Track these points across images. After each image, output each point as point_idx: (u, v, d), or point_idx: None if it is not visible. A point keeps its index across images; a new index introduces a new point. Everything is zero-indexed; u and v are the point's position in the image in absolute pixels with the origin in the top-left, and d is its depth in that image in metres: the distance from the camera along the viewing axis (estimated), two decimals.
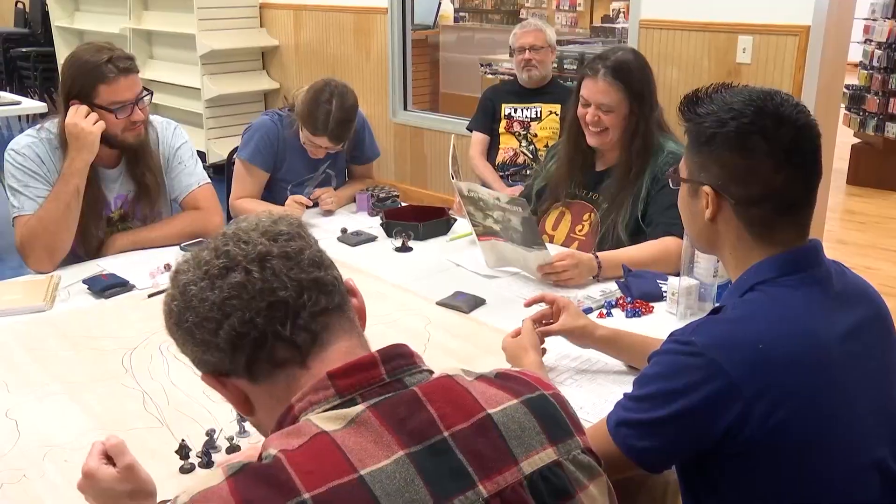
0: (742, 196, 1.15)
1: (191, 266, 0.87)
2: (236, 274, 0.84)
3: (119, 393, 1.54)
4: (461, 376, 0.87)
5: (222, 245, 0.86)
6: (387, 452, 0.77)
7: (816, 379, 1.08)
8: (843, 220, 5.26)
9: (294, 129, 2.70)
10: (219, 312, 0.83)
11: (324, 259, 0.90)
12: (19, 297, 1.94)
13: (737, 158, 1.14)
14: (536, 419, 0.85)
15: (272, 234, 0.87)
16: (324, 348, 0.86)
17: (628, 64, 2.17)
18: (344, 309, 0.90)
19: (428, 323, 1.84)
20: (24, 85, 8.28)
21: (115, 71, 2.08)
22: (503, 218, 2.00)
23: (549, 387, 0.91)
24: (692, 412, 1.07)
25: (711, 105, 1.17)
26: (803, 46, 3.45)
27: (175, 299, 0.88)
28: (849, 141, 6.07)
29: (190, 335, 0.87)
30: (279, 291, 0.83)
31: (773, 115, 1.13)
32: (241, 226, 0.89)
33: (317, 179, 2.82)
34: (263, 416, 0.90)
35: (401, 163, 5.48)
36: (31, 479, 1.27)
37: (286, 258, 0.85)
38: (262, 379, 0.86)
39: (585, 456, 0.87)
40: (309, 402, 0.82)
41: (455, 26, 7.37)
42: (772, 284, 1.14)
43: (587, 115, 2.18)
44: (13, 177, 2.14)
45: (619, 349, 1.58)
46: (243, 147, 2.76)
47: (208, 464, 1.31)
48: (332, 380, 0.82)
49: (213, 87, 5.87)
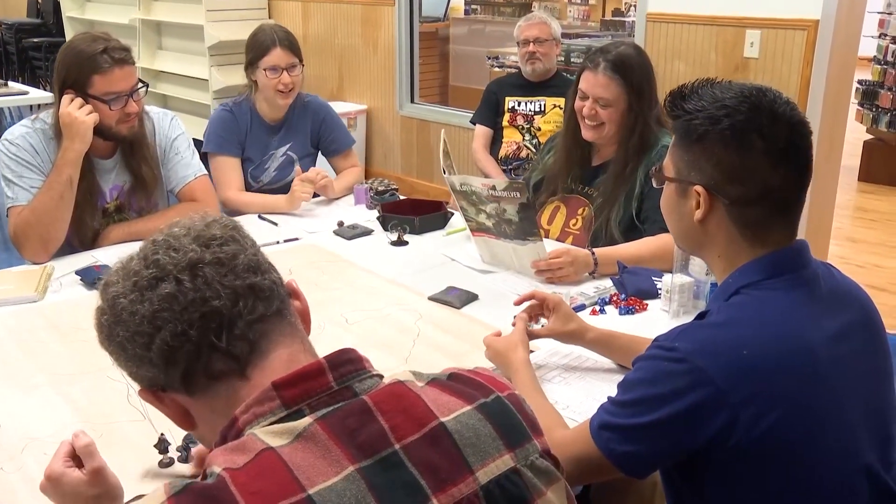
0: (737, 196, 1.12)
1: (120, 277, 0.83)
2: (166, 284, 0.80)
3: (104, 385, 1.53)
4: (412, 381, 0.84)
5: (151, 254, 0.82)
6: (336, 469, 0.74)
7: (804, 384, 1.05)
8: (854, 218, 5.20)
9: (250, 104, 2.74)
10: (150, 326, 0.80)
11: (260, 263, 0.86)
12: (11, 287, 1.94)
13: (733, 156, 1.10)
14: (492, 424, 0.82)
15: (204, 238, 0.83)
16: (264, 357, 0.82)
17: (629, 59, 2.14)
18: (284, 314, 0.86)
19: (419, 318, 1.82)
20: (35, 75, 8.31)
21: (110, 61, 2.06)
22: (497, 210, 1.97)
23: (504, 387, 0.88)
24: (676, 419, 1.05)
25: (700, 101, 1.13)
26: (812, 41, 3.40)
27: (105, 313, 0.84)
28: (861, 137, 5.99)
29: (122, 350, 0.84)
30: (212, 301, 0.80)
31: (769, 112, 1.10)
32: (172, 231, 0.85)
33: (277, 160, 2.78)
34: (205, 430, 0.86)
35: (407, 155, 5.47)
36: (7, 471, 1.26)
37: (219, 265, 0.82)
38: (200, 393, 0.83)
39: (544, 460, 0.84)
40: (254, 414, 0.79)
41: (465, 19, 7.32)
42: (757, 287, 1.11)
43: (584, 108, 2.16)
44: (7, 167, 2.13)
45: (611, 350, 1.56)
46: (206, 143, 2.72)
47: (187, 458, 1.29)
48: (278, 390, 0.79)
49: (221, 78, 5.87)
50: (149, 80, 6.13)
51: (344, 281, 2.04)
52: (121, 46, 2.11)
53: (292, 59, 2.66)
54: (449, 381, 0.86)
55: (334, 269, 2.13)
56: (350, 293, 1.95)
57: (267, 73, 2.64)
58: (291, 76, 2.66)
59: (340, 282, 2.03)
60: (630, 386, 1.11)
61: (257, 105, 2.76)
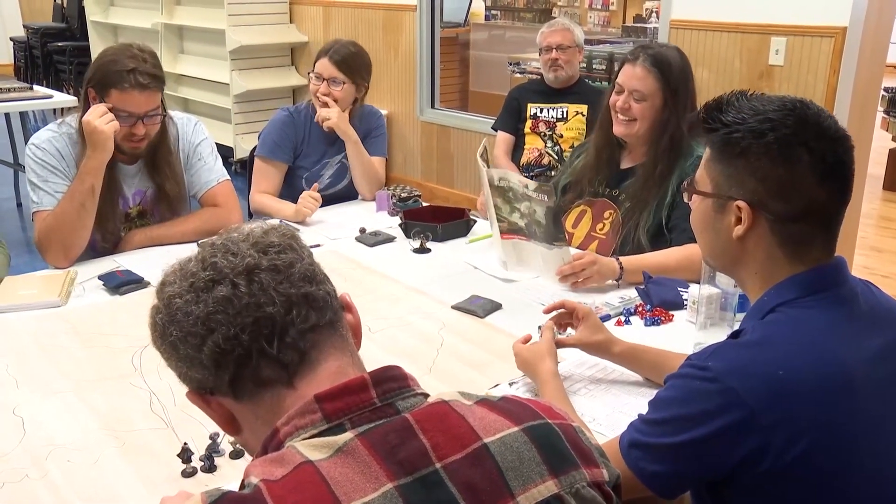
0: (782, 211, 1.08)
1: (177, 277, 0.84)
2: (222, 287, 0.80)
3: (127, 392, 1.52)
4: (458, 401, 0.82)
5: (210, 256, 0.83)
6: (374, 485, 0.72)
7: (840, 408, 1.01)
8: (879, 227, 5.12)
9: (310, 109, 2.76)
10: (203, 327, 0.80)
11: (316, 273, 0.86)
12: (35, 291, 1.94)
13: (779, 171, 1.07)
14: (537, 448, 0.80)
15: (262, 245, 0.84)
16: (312, 368, 0.82)
17: (670, 57, 2.12)
18: (336, 326, 0.86)
19: (442, 327, 1.80)
20: (59, 79, 8.39)
21: (132, 83, 2.06)
22: (529, 210, 1.96)
23: (557, 416, 0.86)
24: (707, 440, 1.02)
25: (739, 113, 1.10)
26: (839, 48, 3.36)
27: (160, 312, 0.85)
28: (886, 146, 5.91)
29: (174, 349, 0.84)
30: (266, 307, 0.80)
31: (815, 126, 1.07)
32: (231, 236, 0.86)
33: (332, 167, 2.80)
34: (249, 437, 0.87)
35: (427, 161, 5.46)
36: (32, 478, 1.26)
37: (275, 271, 0.82)
38: (247, 398, 0.83)
39: (591, 490, 0.81)
40: (294, 426, 0.78)
41: (486, 24, 7.31)
42: (794, 305, 1.08)
43: (619, 101, 2.13)
44: (33, 171, 2.14)
45: (638, 365, 1.54)
46: (261, 145, 2.77)
47: (210, 468, 1.29)
48: (320, 403, 0.78)
49: (242, 82, 5.90)
50: (170, 83, 6.18)
51: (366, 288, 2.03)
52: (151, 72, 2.09)
53: (335, 73, 2.68)
54: (499, 401, 0.85)
55: (356, 276, 2.12)
56: (372, 301, 1.94)
57: (313, 77, 2.71)
58: (332, 88, 2.68)
59: (362, 289, 2.02)
60: (661, 404, 1.09)
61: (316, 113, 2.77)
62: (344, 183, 2.82)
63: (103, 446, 1.34)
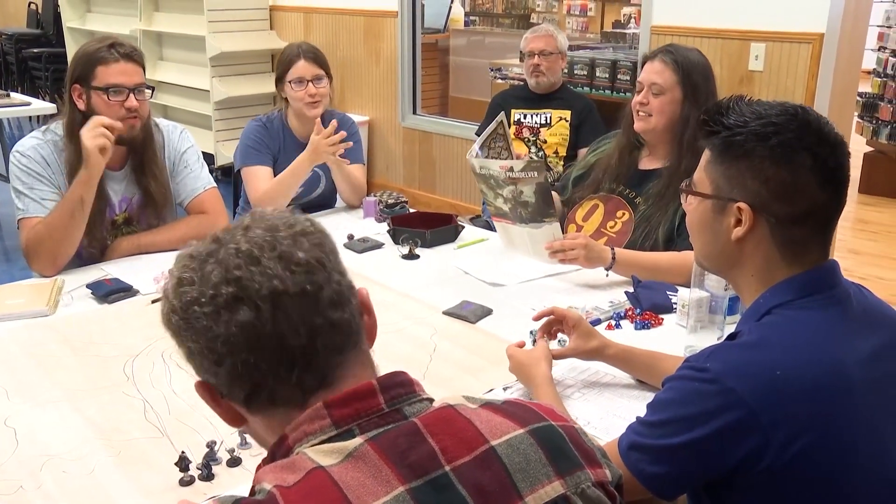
0: (785, 214, 1.10)
1: (196, 279, 0.80)
2: (246, 311, 0.77)
3: (120, 401, 1.51)
4: (464, 405, 0.83)
5: (234, 267, 0.78)
6: (386, 488, 0.73)
7: (838, 406, 1.03)
8: (855, 230, 5.21)
9: (283, 119, 2.75)
10: (223, 347, 0.78)
11: (343, 291, 0.82)
12: (22, 301, 1.92)
13: (782, 174, 1.08)
14: (543, 450, 0.81)
15: (290, 261, 0.79)
16: (330, 388, 0.81)
17: (690, 55, 2.15)
18: (358, 343, 0.84)
19: (434, 333, 1.81)
20: (35, 85, 8.30)
21: (115, 55, 2.10)
22: (514, 193, 1.99)
23: (560, 418, 0.87)
24: (707, 441, 1.03)
25: (741, 116, 1.11)
26: (817, 54, 3.41)
27: (175, 313, 0.81)
28: (861, 149, 6.01)
29: (189, 353, 0.83)
30: (289, 339, 0.78)
31: (817, 131, 1.09)
32: (255, 237, 0.80)
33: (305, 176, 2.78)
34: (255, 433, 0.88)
35: (409, 167, 5.47)
36: (27, 490, 1.25)
37: (303, 296, 0.78)
38: (259, 413, 0.83)
39: (596, 490, 0.82)
40: (303, 432, 0.78)
41: (465, 30, 7.34)
42: (790, 307, 1.10)
43: (638, 97, 2.16)
44: (18, 179, 2.13)
45: (631, 366, 1.56)
46: (240, 158, 2.73)
47: (208, 476, 1.28)
48: (329, 409, 0.78)
49: (223, 89, 5.87)
50: None
51: None
52: (130, 46, 2.16)
53: (317, 71, 2.67)
54: (503, 405, 0.86)
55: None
56: None
57: (293, 85, 2.65)
58: (317, 87, 2.66)
59: None
60: (660, 406, 1.10)
61: (289, 121, 2.75)
62: (318, 191, 2.80)
63: (99, 456, 1.33)
